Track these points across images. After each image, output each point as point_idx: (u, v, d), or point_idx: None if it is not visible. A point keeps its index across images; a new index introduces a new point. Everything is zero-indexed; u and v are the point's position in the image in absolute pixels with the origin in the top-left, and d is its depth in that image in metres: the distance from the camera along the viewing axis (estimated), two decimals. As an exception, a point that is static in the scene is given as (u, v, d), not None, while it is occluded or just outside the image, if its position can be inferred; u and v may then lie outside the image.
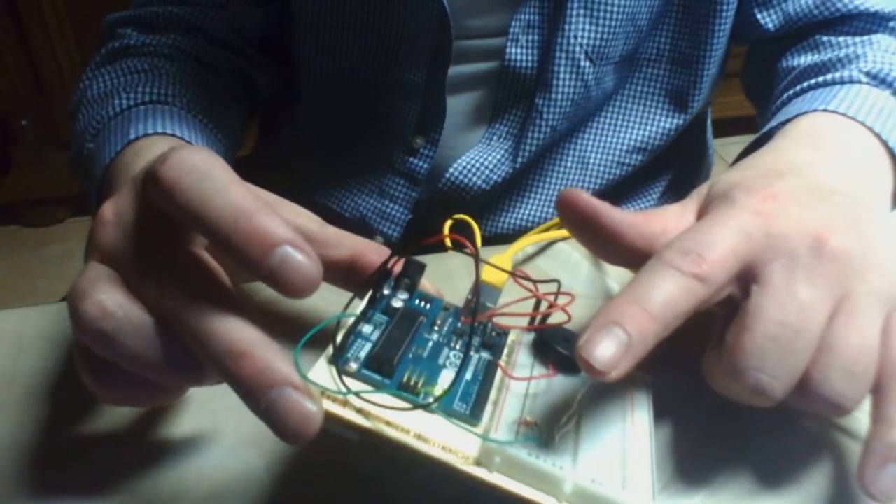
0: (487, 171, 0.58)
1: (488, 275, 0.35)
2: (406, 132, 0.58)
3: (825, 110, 0.41)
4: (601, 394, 0.30)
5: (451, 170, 0.58)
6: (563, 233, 0.45)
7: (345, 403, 0.25)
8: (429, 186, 0.59)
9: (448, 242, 0.48)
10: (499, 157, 0.58)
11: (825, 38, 0.53)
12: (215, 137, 0.49)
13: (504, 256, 0.40)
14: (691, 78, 0.59)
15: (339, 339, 0.27)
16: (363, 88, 0.59)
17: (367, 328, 0.29)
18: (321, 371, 0.26)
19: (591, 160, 0.60)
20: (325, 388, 0.25)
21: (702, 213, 0.33)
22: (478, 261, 0.28)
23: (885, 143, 0.40)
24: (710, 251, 0.28)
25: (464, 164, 0.58)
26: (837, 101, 0.42)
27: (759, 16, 0.56)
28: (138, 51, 0.55)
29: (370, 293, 0.30)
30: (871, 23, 0.53)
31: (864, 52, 0.49)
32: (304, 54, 0.59)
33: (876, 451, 0.27)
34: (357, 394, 0.25)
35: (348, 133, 0.62)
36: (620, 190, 0.63)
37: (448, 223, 0.49)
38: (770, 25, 0.56)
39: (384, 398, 0.25)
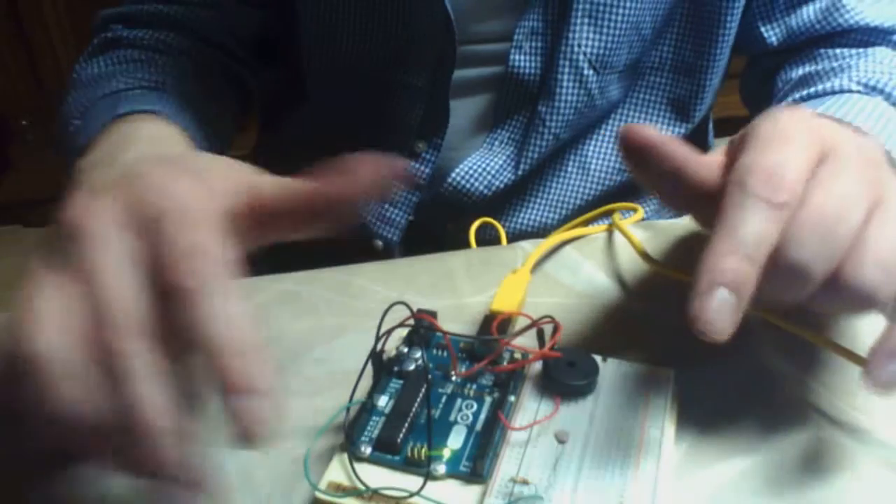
0: (490, 177, 0.58)
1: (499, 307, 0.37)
2: (408, 136, 0.58)
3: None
4: (608, 421, 0.31)
5: (453, 174, 0.58)
6: (567, 235, 0.45)
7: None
8: (430, 190, 0.59)
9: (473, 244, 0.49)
10: (501, 162, 0.58)
11: (823, 51, 0.54)
12: (207, 133, 0.49)
13: (520, 275, 0.40)
14: (694, 87, 0.59)
15: (352, 414, 0.31)
16: (366, 92, 0.59)
17: (381, 400, 0.31)
18: (335, 467, 0.29)
19: (593, 166, 0.60)
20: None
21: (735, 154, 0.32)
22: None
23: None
24: (788, 171, 0.28)
25: (466, 168, 0.58)
26: (826, 108, 0.43)
27: (762, 29, 0.56)
28: (131, 42, 0.55)
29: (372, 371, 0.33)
30: (872, 36, 0.53)
31: (857, 63, 0.50)
32: (308, 57, 0.59)
33: (886, 346, 0.28)
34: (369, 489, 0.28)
35: (350, 136, 0.62)
36: (621, 194, 0.63)
37: (474, 225, 0.50)
38: (773, 39, 0.56)
39: (395, 478, 0.28)
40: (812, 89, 0.49)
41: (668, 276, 0.39)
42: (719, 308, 0.27)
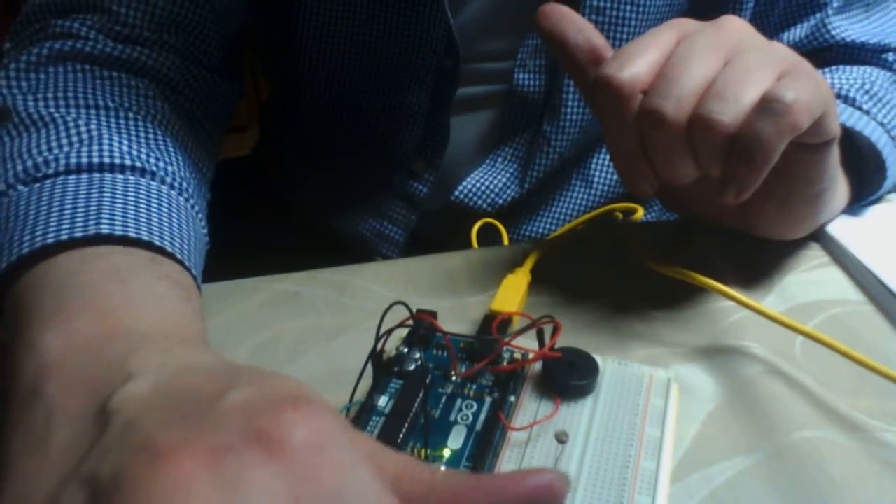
0: (493, 195, 0.57)
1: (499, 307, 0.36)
2: (407, 155, 0.57)
3: None
4: (608, 421, 0.31)
5: (456, 192, 0.57)
6: (567, 235, 0.45)
7: None
8: (432, 205, 0.59)
9: (475, 245, 0.49)
10: (505, 180, 0.57)
11: None
12: (203, 235, 0.39)
13: (520, 275, 0.40)
14: None
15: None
16: (364, 110, 0.58)
17: (381, 400, 0.31)
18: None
19: (596, 180, 0.60)
20: None
21: None
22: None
23: None
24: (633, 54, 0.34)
25: (469, 185, 0.57)
26: None
27: None
28: (94, 59, 0.42)
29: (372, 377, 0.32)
30: (861, 54, 0.54)
31: (829, 77, 0.50)
32: (306, 75, 0.58)
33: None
34: None
35: (349, 154, 0.61)
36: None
37: (476, 226, 0.50)
38: None
39: None
40: None
41: (668, 276, 0.39)
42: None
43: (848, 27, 0.54)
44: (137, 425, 0.20)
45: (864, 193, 0.45)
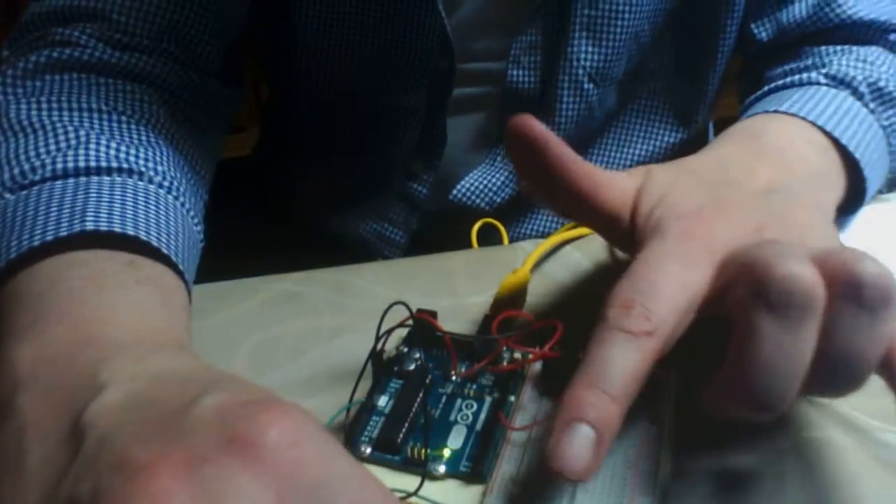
0: (491, 194, 0.57)
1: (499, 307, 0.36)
2: (405, 157, 0.58)
3: (775, 111, 0.41)
4: None
5: (454, 191, 0.57)
6: (567, 235, 0.45)
7: None
8: (431, 206, 0.59)
9: (475, 244, 0.49)
10: (503, 178, 0.58)
11: (808, 49, 0.53)
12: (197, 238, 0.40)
13: (520, 275, 0.40)
14: (696, 92, 0.59)
15: (353, 420, 0.31)
16: (362, 112, 0.58)
17: (382, 400, 0.31)
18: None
19: None
20: None
21: (638, 232, 0.32)
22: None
23: (823, 131, 0.40)
24: (653, 300, 0.27)
25: (468, 185, 0.57)
26: (788, 103, 0.42)
27: (753, 26, 0.56)
28: (90, 67, 0.42)
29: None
30: (866, 33, 0.52)
31: (831, 60, 0.49)
32: (304, 77, 0.58)
33: None
34: None
35: (348, 155, 0.61)
36: None
37: (476, 226, 0.50)
38: (763, 36, 0.55)
39: (395, 478, 0.28)
40: (780, 82, 0.48)
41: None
42: (579, 446, 0.24)
43: (856, 3, 0.52)
44: (111, 441, 0.20)
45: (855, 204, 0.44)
